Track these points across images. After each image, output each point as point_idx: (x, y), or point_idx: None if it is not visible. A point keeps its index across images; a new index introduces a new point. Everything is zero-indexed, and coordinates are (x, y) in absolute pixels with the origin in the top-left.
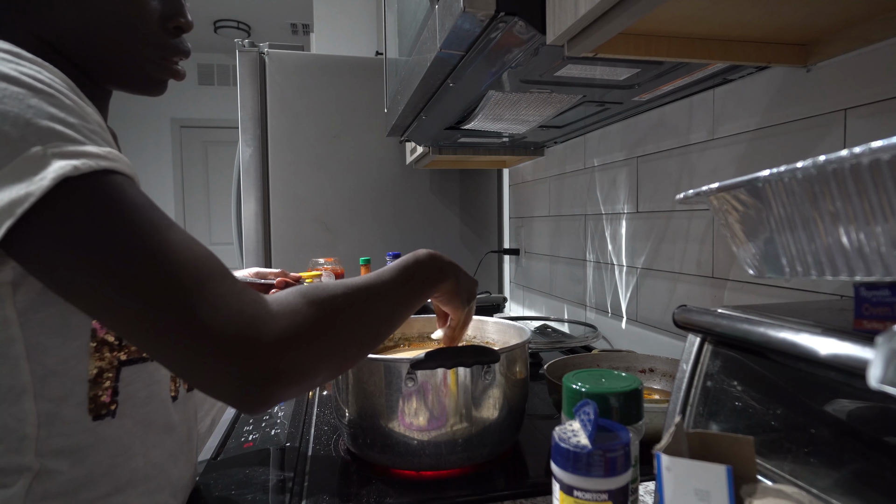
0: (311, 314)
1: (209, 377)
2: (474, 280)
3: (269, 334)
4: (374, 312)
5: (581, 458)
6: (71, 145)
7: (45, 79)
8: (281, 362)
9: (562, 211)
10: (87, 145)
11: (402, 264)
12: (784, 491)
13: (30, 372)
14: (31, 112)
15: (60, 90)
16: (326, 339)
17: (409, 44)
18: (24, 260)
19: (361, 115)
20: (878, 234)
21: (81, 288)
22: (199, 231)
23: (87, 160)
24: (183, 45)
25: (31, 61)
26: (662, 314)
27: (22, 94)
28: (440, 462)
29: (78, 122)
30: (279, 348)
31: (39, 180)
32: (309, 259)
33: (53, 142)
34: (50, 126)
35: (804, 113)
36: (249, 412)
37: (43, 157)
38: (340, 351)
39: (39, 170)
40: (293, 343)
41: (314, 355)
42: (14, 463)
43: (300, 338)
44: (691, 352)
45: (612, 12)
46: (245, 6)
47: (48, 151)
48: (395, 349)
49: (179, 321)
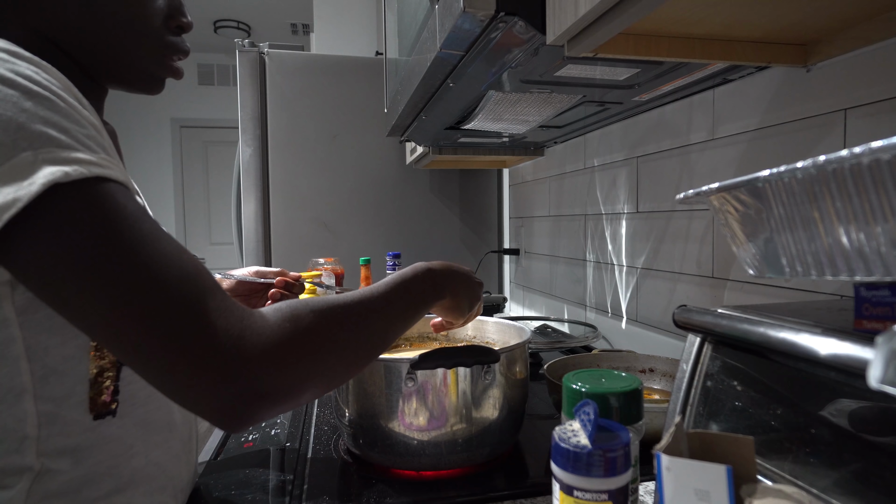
0: (299, 334)
1: (192, 395)
2: (478, 283)
3: (255, 354)
4: (364, 332)
5: (581, 458)
6: (63, 151)
7: (41, 80)
8: (264, 382)
9: (562, 211)
10: (79, 151)
11: (398, 280)
12: (784, 491)
13: (30, 372)
14: (23, 116)
15: (57, 92)
16: (313, 359)
17: (409, 44)
18: (11, 266)
19: (361, 115)
20: (878, 234)
21: (66, 296)
22: (198, 231)
23: (78, 167)
24: (183, 44)
25: (28, 60)
26: (662, 314)
27: (15, 97)
28: (440, 462)
29: (72, 127)
30: (264, 368)
31: (28, 186)
32: (309, 259)
33: (45, 147)
34: (42, 131)
35: (804, 113)
36: (231, 431)
37: (33, 163)
38: (327, 370)
39: (28, 175)
40: (279, 363)
41: (299, 376)
42: (15, 463)
43: (286, 358)
44: (691, 352)
45: (612, 12)
46: (245, 6)
47: (39, 157)
48: (395, 349)
49: (164, 338)
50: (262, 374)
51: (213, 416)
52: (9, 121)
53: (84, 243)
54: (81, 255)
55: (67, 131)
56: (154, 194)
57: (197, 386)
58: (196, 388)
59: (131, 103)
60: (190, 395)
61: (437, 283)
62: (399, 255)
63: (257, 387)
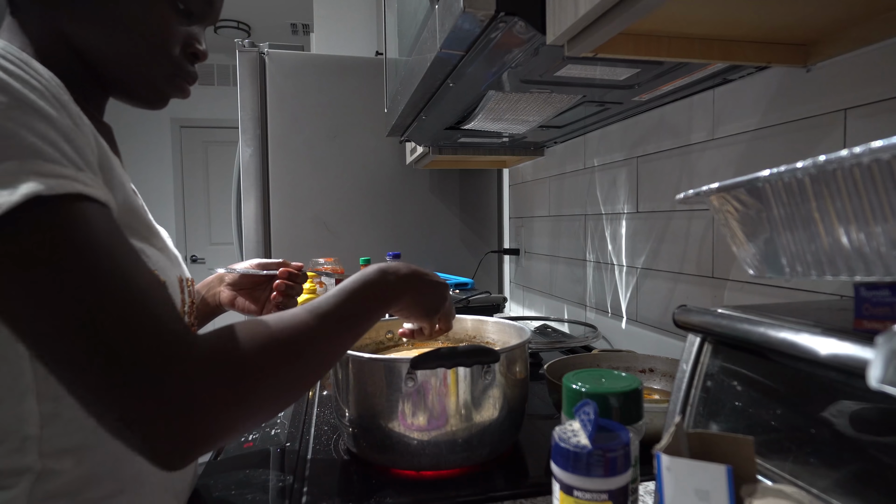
0: (241, 368)
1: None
2: (441, 282)
3: (198, 395)
4: (313, 359)
5: (581, 458)
6: (48, 164)
7: (39, 87)
8: (206, 424)
9: (562, 211)
10: (65, 167)
11: (348, 287)
12: (784, 491)
13: (32, 371)
14: (13, 124)
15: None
16: (256, 394)
17: (409, 44)
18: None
19: (361, 115)
20: (878, 234)
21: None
22: (198, 231)
23: (63, 181)
24: (194, 70)
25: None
26: (662, 314)
27: (5, 103)
28: (440, 462)
29: (61, 141)
30: (206, 412)
31: (8, 195)
32: (309, 259)
33: (30, 159)
34: (31, 142)
35: (804, 113)
36: (165, 469)
37: (18, 173)
38: (269, 403)
39: (10, 185)
40: (221, 405)
41: (243, 412)
42: (17, 463)
43: (228, 399)
44: (691, 352)
45: (612, 12)
46: (245, 6)
47: (24, 168)
48: (395, 349)
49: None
50: (203, 417)
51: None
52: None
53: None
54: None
55: (55, 144)
56: (154, 194)
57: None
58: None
59: None
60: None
61: (392, 284)
62: (399, 255)
63: (197, 430)
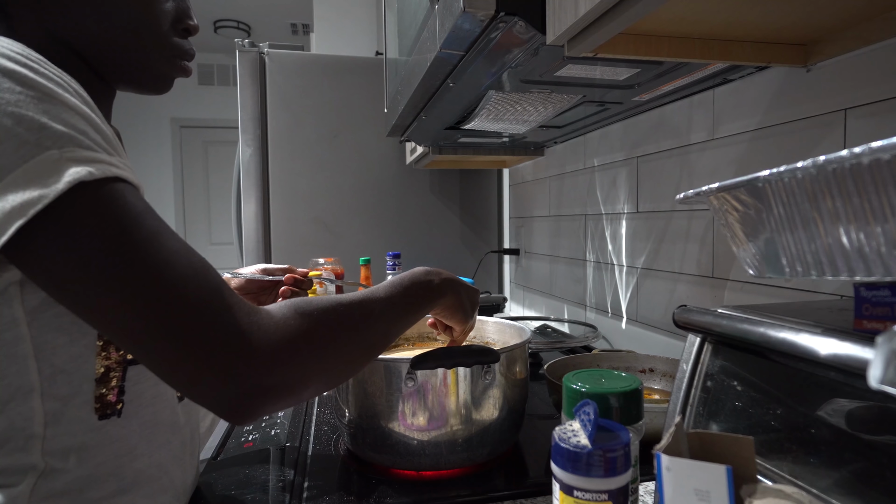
0: (303, 331)
1: (199, 388)
2: (475, 290)
3: (260, 349)
4: (366, 330)
5: (581, 458)
6: (84, 151)
7: (60, 81)
8: (270, 378)
9: (562, 211)
10: (99, 152)
11: (397, 281)
12: (784, 491)
13: (37, 371)
14: (46, 116)
15: (74, 94)
16: (316, 356)
17: (409, 44)
18: (26, 262)
19: (361, 115)
20: (878, 234)
21: (80, 292)
22: (198, 231)
23: (101, 166)
24: (189, 46)
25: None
26: (662, 314)
27: (37, 97)
28: (440, 462)
29: (89, 130)
30: (269, 364)
31: (54, 183)
32: (309, 259)
33: (68, 147)
34: (64, 131)
35: (804, 113)
36: (235, 423)
37: (59, 161)
38: (330, 368)
39: (54, 173)
40: (283, 359)
41: (303, 372)
42: (20, 462)
43: (290, 354)
44: (691, 352)
45: (612, 12)
46: (245, 6)
47: (64, 156)
48: (395, 349)
49: (172, 333)
50: (267, 369)
51: (218, 408)
52: (31, 120)
53: (100, 241)
54: (97, 252)
55: (86, 133)
56: (154, 194)
57: (204, 380)
58: (203, 382)
59: (131, 103)
60: (196, 388)
61: (438, 283)
62: (399, 255)
63: (261, 382)
